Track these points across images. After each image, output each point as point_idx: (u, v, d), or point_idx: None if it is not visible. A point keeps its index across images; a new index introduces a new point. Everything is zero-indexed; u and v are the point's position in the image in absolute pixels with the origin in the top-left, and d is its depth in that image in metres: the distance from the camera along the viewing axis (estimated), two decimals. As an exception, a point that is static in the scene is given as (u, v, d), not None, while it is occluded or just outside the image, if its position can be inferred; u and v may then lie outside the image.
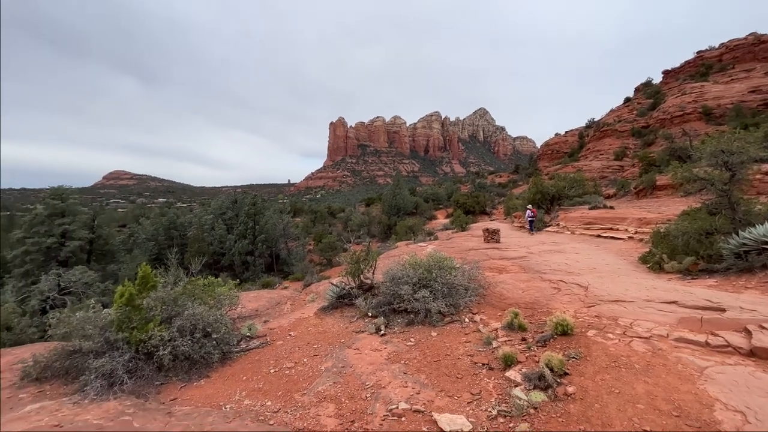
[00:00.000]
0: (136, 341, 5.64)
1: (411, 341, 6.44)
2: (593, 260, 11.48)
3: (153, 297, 6.23)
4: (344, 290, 9.17)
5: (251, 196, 38.76)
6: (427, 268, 8.18)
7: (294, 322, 8.46)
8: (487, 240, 17.22)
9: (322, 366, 5.77)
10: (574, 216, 21.28)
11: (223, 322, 6.55)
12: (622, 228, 16.68)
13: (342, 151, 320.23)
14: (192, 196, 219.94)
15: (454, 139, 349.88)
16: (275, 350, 6.70)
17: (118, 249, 29.41)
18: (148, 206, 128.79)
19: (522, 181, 74.91)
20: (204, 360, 5.96)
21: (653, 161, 34.46)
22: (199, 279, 7.87)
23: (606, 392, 3.97)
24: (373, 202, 68.68)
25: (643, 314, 5.87)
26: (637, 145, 56.71)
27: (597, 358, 4.71)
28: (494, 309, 7.59)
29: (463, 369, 5.25)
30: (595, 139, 67.72)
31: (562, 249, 13.96)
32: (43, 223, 22.86)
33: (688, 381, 3.92)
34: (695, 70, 70.00)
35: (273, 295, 12.60)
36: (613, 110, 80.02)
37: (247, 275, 30.31)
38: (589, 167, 53.10)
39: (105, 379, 5.10)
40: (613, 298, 6.83)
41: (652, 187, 26.76)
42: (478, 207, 45.61)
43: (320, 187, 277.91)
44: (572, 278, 8.59)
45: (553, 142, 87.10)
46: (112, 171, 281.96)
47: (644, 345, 4.85)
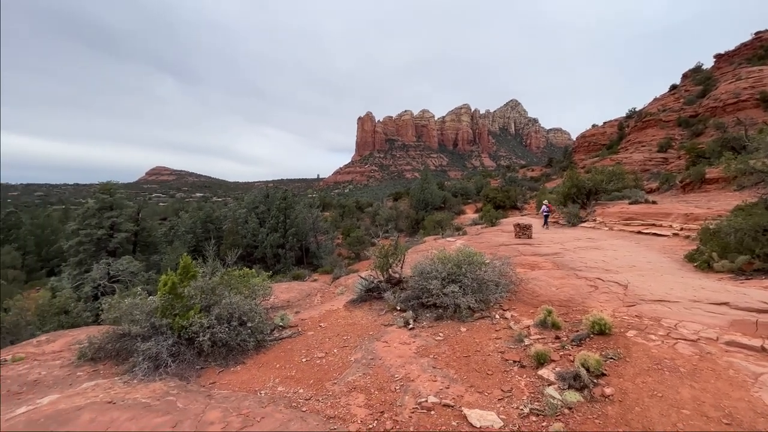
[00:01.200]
0: (178, 327, 5.98)
1: (440, 336, 6.42)
2: (633, 258, 10.89)
3: (193, 286, 6.57)
4: (373, 283, 9.26)
5: (282, 190, 39.85)
6: (456, 263, 8.09)
7: (324, 313, 8.65)
8: (518, 235, 16.75)
9: (352, 357, 5.87)
10: (613, 211, 20.24)
11: (258, 312, 6.81)
12: (666, 224, 15.69)
13: (370, 146, 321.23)
14: (226, 191, 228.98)
15: (483, 132, 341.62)
16: (306, 340, 6.89)
17: (159, 241, 31.21)
18: (186, 201, 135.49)
19: (555, 174, 72.12)
20: (240, 347, 6.23)
21: (702, 153, 32.05)
22: (235, 270, 8.20)
23: (647, 395, 3.79)
24: (400, 197, 68.55)
25: (690, 315, 5.52)
26: (684, 135, 52.97)
27: (637, 360, 4.49)
28: (526, 306, 7.40)
29: (493, 365, 5.17)
30: (637, 130, 63.85)
31: (599, 245, 13.34)
32: (94, 215, 24.62)
33: (740, 387, 3.66)
34: (752, 53, 64.13)
35: (303, 287, 12.94)
36: (657, 99, 74.98)
37: (278, 267, 31.28)
38: (630, 160, 50.21)
39: (151, 362, 5.46)
40: (656, 298, 6.46)
41: (701, 180, 24.93)
42: (508, 202, 44.43)
43: (348, 181, 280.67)
44: (610, 276, 8.20)
45: (589, 134, 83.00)
46: (153, 167, 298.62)
47: (691, 348, 4.57)
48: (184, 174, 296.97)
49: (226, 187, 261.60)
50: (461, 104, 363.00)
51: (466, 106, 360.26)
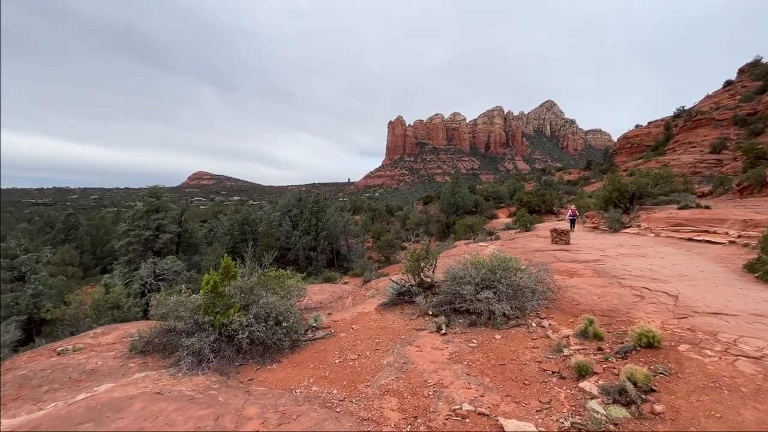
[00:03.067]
0: (219, 324, 6.26)
1: (473, 342, 6.29)
2: (684, 266, 10.16)
3: (233, 285, 6.86)
4: (404, 287, 9.24)
5: (314, 194, 40.78)
6: (490, 269, 7.92)
7: (356, 316, 8.74)
8: (555, 241, 16.11)
9: (384, 360, 5.88)
10: (659, 216, 19.00)
11: (293, 312, 6.99)
12: (721, 231, 14.51)
13: (400, 150, 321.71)
14: (262, 195, 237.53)
15: (517, 135, 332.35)
16: (339, 342, 6.98)
17: (200, 242, 32.85)
18: (225, 204, 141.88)
19: (595, 178, 68.85)
20: (276, 346, 6.42)
21: (762, 153, 29.42)
22: (271, 271, 8.47)
23: (704, 415, 3.51)
24: (431, 201, 68.02)
25: (751, 330, 5.07)
26: (741, 135, 48.88)
27: (691, 376, 4.18)
28: (565, 315, 7.10)
29: (530, 375, 5.00)
30: (686, 130, 59.68)
31: (645, 253, 12.56)
32: (142, 218, 26.35)
33: (814, 412, 3.31)
34: (823, 42, 58.10)
35: (335, 289, 13.13)
36: (709, 96, 69.77)
37: (310, 269, 31.98)
38: (678, 162, 47.01)
39: (195, 357, 5.75)
40: (711, 310, 5.99)
41: (761, 183, 22.87)
42: (544, 206, 42.94)
43: (379, 185, 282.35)
44: (658, 285, 7.70)
45: (632, 135, 78.57)
46: (195, 172, 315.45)
47: (753, 366, 4.19)
48: (223, 178, 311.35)
49: (262, 191, 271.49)
50: (493, 106, 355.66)
51: (499, 107, 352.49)
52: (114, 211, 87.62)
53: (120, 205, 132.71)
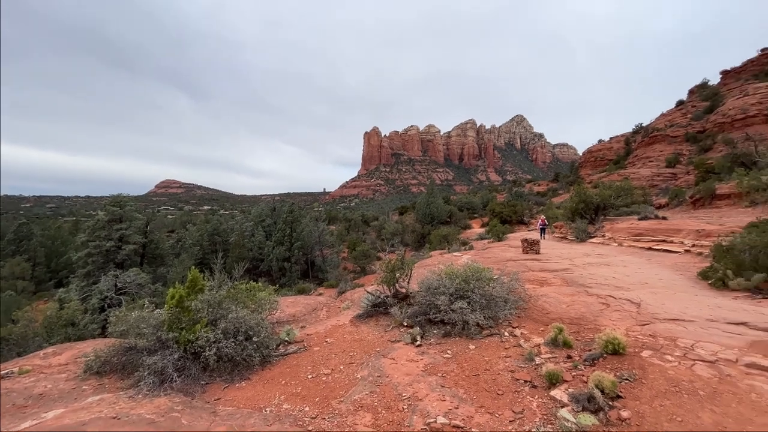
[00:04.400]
0: (184, 341, 5.95)
1: (448, 353, 6.29)
2: (645, 275, 10.68)
3: (200, 299, 6.56)
4: (379, 298, 9.17)
5: (289, 204, 40.13)
6: (464, 279, 8.00)
7: (330, 328, 8.56)
8: (526, 251, 16.56)
9: (359, 374, 5.77)
10: (622, 227, 19.99)
11: (264, 326, 6.77)
12: (677, 240, 15.43)
13: (376, 160, 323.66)
14: (233, 204, 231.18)
15: (489, 147, 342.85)
16: (312, 356, 6.79)
17: (167, 253, 31.42)
18: (194, 213, 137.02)
19: (562, 189, 71.84)
20: (245, 362, 6.16)
21: (711, 168, 31.79)
22: (242, 284, 8.19)
23: (666, 420, 3.65)
24: (406, 211, 68.55)
25: (707, 335, 5.36)
26: (692, 151, 52.64)
27: (654, 382, 4.34)
28: (536, 323, 7.25)
29: (503, 385, 5.04)
30: (644, 145, 63.61)
31: (609, 262, 13.13)
32: (103, 228, 24.94)
33: (764, 413, 3.51)
34: (759, 69, 64.12)
35: (309, 301, 12.85)
36: (664, 114, 74.91)
37: (283, 281, 31.23)
38: (638, 175, 49.90)
39: (157, 376, 5.41)
40: (671, 317, 6.30)
41: (711, 196, 24.63)
42: (515, 216, 44.23)
43: (354, 195, 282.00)
44: (622, 293, 8.04)
45: (596, 149, 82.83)
46: (163, 180, 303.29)
47: (709, 369, 4.41)
48: (193, 187, 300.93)
49: (234, 200, 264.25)
50: (467, 119, 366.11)
51: (472, 121, 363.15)
52: (72, 220, 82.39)
53: (79, 214, 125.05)
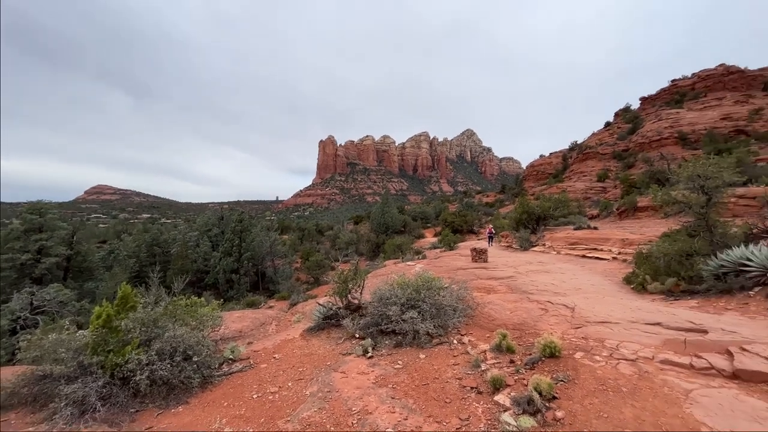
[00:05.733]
0: (111, 365, 5.39)
1: (399, 364, 6.32)
2: (579, 280, 11.61)
3: (132, 318, 6.00)
4: (331, 310, 9.02)
5: (238, 212, 38.35)
6: (415, 288, 8.13)
7: (279, 343, 8.24)
8: (475, 259, 17.28)
9: (308, 390, 5.59)
10: (560, 236, 21.63)
11: (205, 345, 6.34)
12: (606, 248, 16.99)
13: (331, 169, 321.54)
14: (177, 212, 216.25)
15: (442, 159, 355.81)
16: (259, 374, 6.48)
17: (97, 266, 28.51)
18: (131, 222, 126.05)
19: (508, 200, 76.23)
20: (183, 385, 5.71)
21: (634, 183, 35.62)
22: (182, 299, 7.64)
23: (595, 417, 3.95)
24: (361, 220, 68.59)
25: (629, 336, 5.91)
26: (619, 167, 58.68)
27: (585, 381, 4.69)
28: (483, 330, 7.54)
29: (451, 393, 5.16)
30: (579, 161, 69.80)
31: (549, 269, 14.10)
32: (18, 238, 22.05)
33: (674, 404, 3.93)
34: (670, 97, 73.62)
35: (258, 315, 12.29)
36: (595, 134, 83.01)
37: (231, 294, 29.60)
38: (573, 188, 54.47)
39: (76, 407, 4.83)
40: (600, 319, 6.88)
41: (634, 208, 27.53)
42: (465, 226, 46.04)
43: (309, 204, 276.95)
44: (559, 299, 8.64)
45: (538, 164, 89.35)
46: (94, 185, 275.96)
47: (631, 367, 4.87)
48: (131, 193, 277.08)
49: (177, 208, 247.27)
50: (420, 131, 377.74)
51: (425, 133, 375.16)
52: (-21, 230, 71.88)
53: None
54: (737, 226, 10.61)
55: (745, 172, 21.57)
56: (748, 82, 65.18)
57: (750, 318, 6.42)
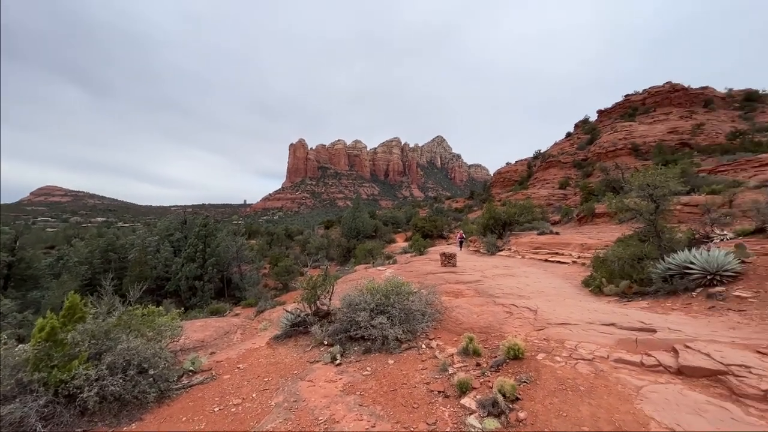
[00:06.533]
0: (55, 382, 4.97)
1: (367, 370, 6.28)
2: (542, 284, 12.08)
3: (80, 330, 5.57)
4: (299, 317, 8.83)
5: (203, 216, 36.87)
6: (384, 294, 8.14)
7: (244, 353, 7.96)
8: (444, 264, 17.57)
9: (273, 401, 5.43)
10: (524, 241, 22.46)
11: (163, 356, 6.00)
12: (566, 253, 17.82)
13: (302, 173, 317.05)
14: (136, 216, 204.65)
15: (413, 165, 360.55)
16: (221, 385, 6.21)
17: (42, 274, 26.40)
18: (84, 226, 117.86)
19: (477, 206, 78.27)
20: (137, 400, 5.37)
21: (592, 191, 37.68)
22: (138, 308, 7.20)
23: (554, 416, 4.10)
24: (332, 225, 67.96)
25: (587, 336, 6.20)
26: (579, 175, 61.95)
27: (546, 382, 4.86)
28: (450, 334, 7.65)
29: (419, 398, 5.18)
30: (542, 169, 73.04)
31: (514, 273, 14.58)
32: (-51, 244, 19.99)
33: (626, 401, 4.15)
34: (624, 111, 78.88)
35: (222, 323, 11.81)
36: (556, 143, 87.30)
37: (194, 301, 28.30)
38: (537, 195, 56.86)
39: (13, 429, 4.41)
40: (560, 321, 7.17)
41: (592, 214, 29.10)
42: (435, 231, 46.74)
43: (278, 208, 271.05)
44: (523, 302, 8.94)
45: (504, 171, 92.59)
46: (42, 186, 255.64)
47: (588, 367, 5.10)
48: (83, 195, 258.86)
49: (136, 211, 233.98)
50: (392, 137, 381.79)
51: (397, 139, 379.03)
52: None
53: None
54: (682, 231, 11.48)
55: (688, 182, 23.41)
56: (691, 99, 71.11)
57: (693, 317, 6.94)
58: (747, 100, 70.63)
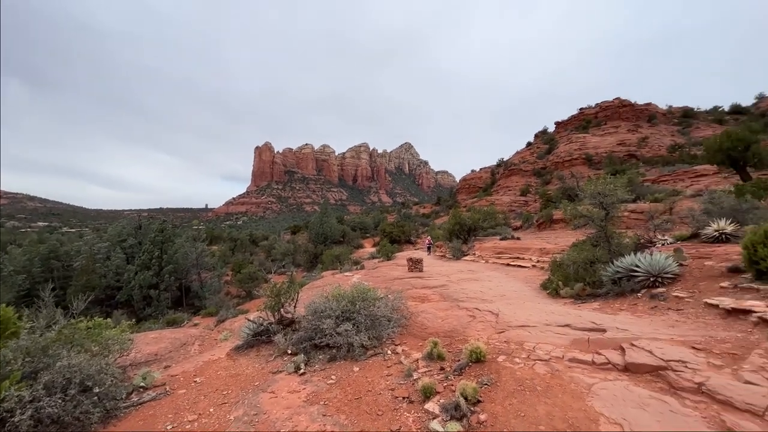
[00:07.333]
0: (-19, 406, 4.47)
1: (332, 379, 6.18)
2: (504, 288, 12.51)
3: (12, 347, 5.06)
4: (262, 326, 8.55)
5: (160, 221, 34.92)
6: (350, 300, 8.08)
7: (201, 365, 7.58)
8: (411, 269, 17.75)
9: (232, 415, 5.19)
10: (488, 246, 23.19)
11: (110, 373, 5.58)
12: (527, 257, 18.60)
13: (268, 177, 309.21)
14: (84, 220, 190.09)
15: (381, 170, 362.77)
16: (175, 401, 5.86)
17: (-30, 284, 23.74)
18: (23, 231, 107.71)
19: (443, 212, 79.98)
20: (79, 422, 4.94)
21: (550, 198, 39.68)
22: (82, 321, 6.66)
23: (513, 417, 4.23)
24: (299, 230, 66.67)
25: (544, 337, 6.48)
26: (538, 183, 65.08)
27: (506, 383, 5.02)
28: (416, 339, 7.71)
29: (384, 405, 5.16)
30: (505, 177, 76.04)
31: (478, 277, 14.99)
32: None
33: (579, 398, 4.37)
34: (578, 123, 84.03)
35: (178, 334, 11.18)
36: (518, 152, 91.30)
37: (148, 312, 26.64)
38: (500, 201, 59.04)
39: (-75, 462, 3.91)
40: (520, 323, 7.45)
41: (550, 220, 30.63)
42: (403, 236, 47.19)
43: (242, 213, 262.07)
44: (486, 306, 9.20)
45: (469, 178, 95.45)
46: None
47: (545, 367, 5.33)
48: (21, 197, 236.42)
49: (84, 216, 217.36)
50: (360, 142, 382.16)
51: (365, 144, 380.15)
52: None
53: None
54: (629, 237, 12.34)
55: (634, 190, 25.34)
56: (637, 114, 77.15)
57: (638, 317, 7.46)
58: (684, 117, 77.87)
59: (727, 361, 4.60)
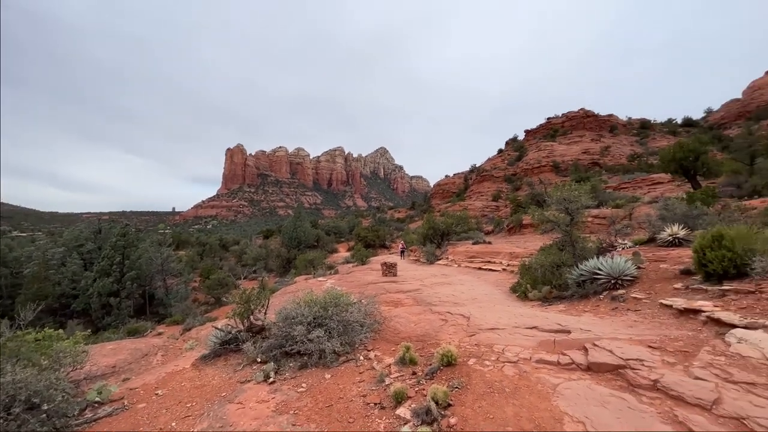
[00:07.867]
0: None
1: (303, 387, 6.05)
2: (475, 291, 12.75)
3: (-53, 363, 4.62)
4: (230, 334, 8.27)
5: (122, 225, 33.16)
6: (323, 306, 7.97)
7: (164, 377, 7.22)
8: (385, 274, 17.75)
9: (196, 429, 4.97)
10: (460, 250, 23.61)
11: (60, 388, 5.20)
12: (497, 261, 19.08)
13: (239, 179, 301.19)
14: (37, 224, 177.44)
15: (356, 175, 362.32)
16: (134, 416, 5.54)
17: None
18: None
19: (418, 216, 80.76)
20: (24, 442, 4.56)
21: (520, 203, 41.00)
22: (30, 332, 6.19)
23: (482, 419, 4.29)
24: (272, 235, 65.26)
25: (513, 340, 6.64)
26: (509, 189, 67.15)
27: (476, 386, 5.09)
28: (389, 344, 7.70)
29: (355, 412, 5.10)
30: (477, 182, 77.94)
31: (450, 281, 15.20)
32: None
33: (545, 399, 4.50)
34: (546, 131, 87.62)
35: (139, 345, 10.60)
36: (490, 159, 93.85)
37: (108, 321, 25.15)
38: (473, 206, 60.42)
39: None
40: (490, 326, 7.60)
41: (520, 225, 31.61)
42: (378, 240, 47.19)
43: (212, 216, 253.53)
44: (457, 309, 9.33)
45: (443, 183, 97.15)
46: None
47: (513, 369, 5.45)
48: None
49: (38, 219, 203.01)
50: (336, 146, 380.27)
51: (341, 148, 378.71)
52: None
53: None
54: (592, 241, 12.94)
55: (597, 197, 26.65)
56: (600, 125, 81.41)
57: (600, 318, 7.80)
58: (642, 128, 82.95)
59: (679, 359, 4.89)
